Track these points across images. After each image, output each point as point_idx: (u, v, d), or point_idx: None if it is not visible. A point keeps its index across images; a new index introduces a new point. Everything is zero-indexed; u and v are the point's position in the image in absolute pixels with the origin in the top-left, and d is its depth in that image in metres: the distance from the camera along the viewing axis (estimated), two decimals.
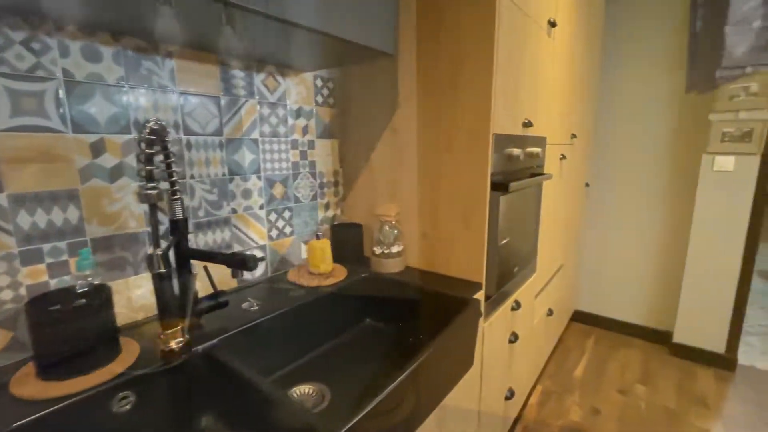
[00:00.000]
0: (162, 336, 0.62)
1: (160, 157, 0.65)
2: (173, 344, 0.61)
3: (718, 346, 2.04)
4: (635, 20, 2.14)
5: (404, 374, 0.71)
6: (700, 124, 1.97)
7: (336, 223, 1.32)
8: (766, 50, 1.76)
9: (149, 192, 0.55)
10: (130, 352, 0.67)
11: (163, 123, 0.60)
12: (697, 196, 1.98)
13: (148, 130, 0.56)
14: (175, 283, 0.71)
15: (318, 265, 1.09)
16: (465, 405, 1.06)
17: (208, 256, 0.68)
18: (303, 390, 0.81)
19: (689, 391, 1.87)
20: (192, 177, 0.92)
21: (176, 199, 0.69)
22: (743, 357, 2.10)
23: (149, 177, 0.55)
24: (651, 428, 1.63)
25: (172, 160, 0.66)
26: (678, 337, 2.15)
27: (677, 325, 2.14)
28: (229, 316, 0.83)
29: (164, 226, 0.87)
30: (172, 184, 0.68)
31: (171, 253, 0.77)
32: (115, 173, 0.78)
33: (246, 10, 0.59)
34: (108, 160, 0.77)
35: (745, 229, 1.89)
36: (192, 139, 0.91)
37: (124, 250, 0.80)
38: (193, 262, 0.77)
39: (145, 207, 0.81)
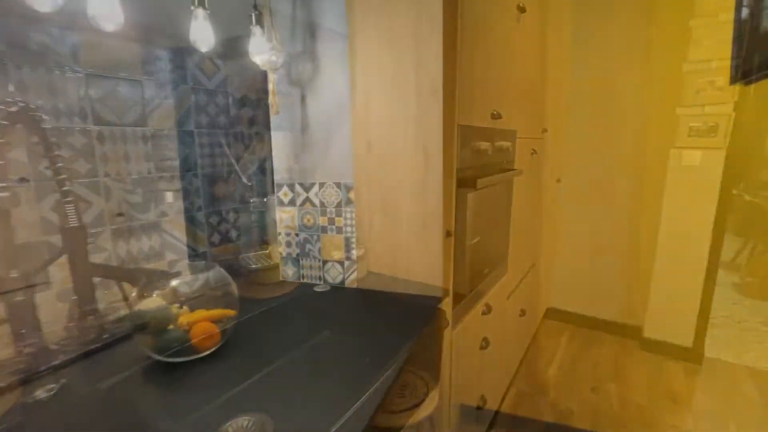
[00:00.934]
0: None
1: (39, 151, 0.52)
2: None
3: (686, 339, 2.05)
4: (604, 12, 2.11)
5: (356, 404, 0.62)
6: (670, 118, 1.96)
7: (291, 225, 1.19)
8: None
9: None
10: None
11: (30, 106, 0.46)
12: (666, 191, 1.97)
13: None
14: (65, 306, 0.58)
15: (269, 274, 0.97)
16: (432, 421, 0.97)
17: (108, 271, 0.55)
18: (239, 424, 0.69)
19: (660, 386, 1.87)
20: (107, 175, 0.77)
21: (67, 203, 0.56)
22: (709, 349, 2.12)
23: None
24: (625, 427, 1.61)
25: (56, 153, 0.53)
26: (648, 332, 2.15)
27: (647, 319, 2.14)
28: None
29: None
30: (60, 183, 0.55)
31: (63, 271, 0.63)
32: None
33: None
34: None
35: (711, 224, 1.89)
36: (105, 130, 0.76)
37: (10, 266, 0.66)
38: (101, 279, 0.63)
39: (44, 210, 0.67)
